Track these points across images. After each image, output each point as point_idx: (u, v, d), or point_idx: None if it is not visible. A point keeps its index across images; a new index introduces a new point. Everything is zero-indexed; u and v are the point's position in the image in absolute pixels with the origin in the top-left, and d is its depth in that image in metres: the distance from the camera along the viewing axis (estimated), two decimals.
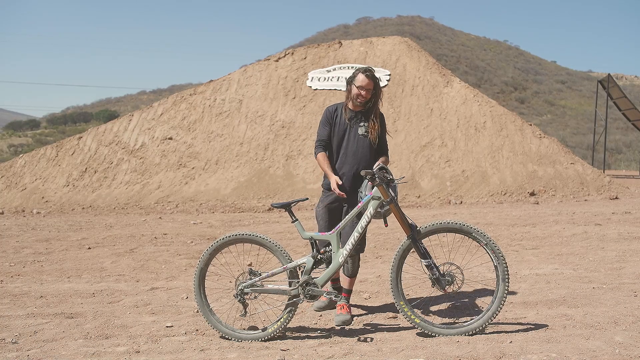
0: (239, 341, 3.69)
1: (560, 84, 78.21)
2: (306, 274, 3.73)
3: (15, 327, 4.00)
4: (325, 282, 3.73)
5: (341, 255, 3.70)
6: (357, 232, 3.70)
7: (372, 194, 3.70)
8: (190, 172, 16.03)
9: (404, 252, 3.69)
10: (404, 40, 19.61)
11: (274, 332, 3.69)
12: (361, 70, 4.04)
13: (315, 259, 3.74)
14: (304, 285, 3.72)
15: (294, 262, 3.77)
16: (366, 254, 6.95)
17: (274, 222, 10.64)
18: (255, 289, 3.78)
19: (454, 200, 13.97)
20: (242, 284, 3.78)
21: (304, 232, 3.81)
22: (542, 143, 16.23)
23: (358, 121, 4.12)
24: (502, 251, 3.60)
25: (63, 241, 8.36)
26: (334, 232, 3.75)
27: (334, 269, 3.70)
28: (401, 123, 16.70)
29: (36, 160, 17.38)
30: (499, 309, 3.57)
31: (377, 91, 4.09)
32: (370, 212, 3.69)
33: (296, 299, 3.72)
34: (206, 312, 3.81)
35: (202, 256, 3.84)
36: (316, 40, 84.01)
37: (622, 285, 4.93)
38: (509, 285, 3.59)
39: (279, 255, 3.78)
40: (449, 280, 3.60)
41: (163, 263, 6.57)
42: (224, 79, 18.83)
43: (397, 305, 3.65)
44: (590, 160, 30.01)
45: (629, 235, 7.88)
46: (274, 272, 3.79)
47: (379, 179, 3.63)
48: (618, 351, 3.21)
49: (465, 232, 3.63)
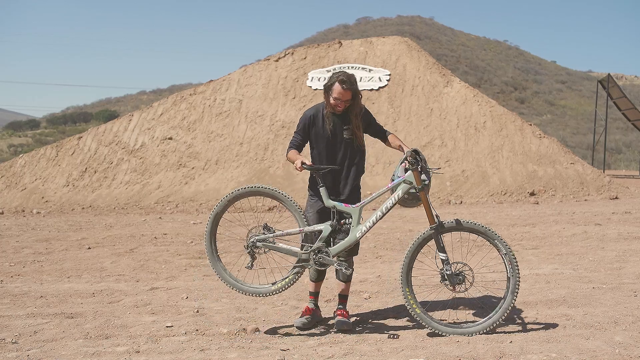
0: (242, 293, 3.68)
1: (560, 84, 78.17)
2: (321, 241, 3.70)
3: (15, 327, 4.00)
4: (338, 253, 3.70)
5: (359, 231, 3.67)
6: (381, 212, 3.67)
7: (404, 177, 3.65)
8: (190, 172, 16.04)
9: (423, 241, 3.67)
10: (404, 40, 19.61)
11: (277, 289, 3.70)
12: (338, 80, 3.81)
13: (334, 228, 3.72)
14: (316, 252, 3.70)
15: (311, 227, 3.75)
16: (366, 254, 6.95)
17: (275, 222, 10.62)
18: (267, 245, 3.76)
19: (453, 200, 13.97)
20: (255, 236, 3.77)
21: (327, 200, 3.75)
22: (542, 143, 16.23)
23: (342, 124, 3.92)
24: (518, 264, 3.59)
25: (63, 241, 8.36)
26: (358, 206, 3.72)
27: (350, 241, 3.68)
28: (401, 123, 16.70)
29: (36, 160, 17.38)
30: (502, 318, 3.57)
31: (355, 99, 3.88)
32: (397, 195, 3.65)
33: (305, 263, 3.71)
34: (213, 259, 3.81)
35: (219, 202, 3.83)
36: (316, 40, 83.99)
37: (622, 285, 4.93)
38: (517, 298, 3.60)
39: (297, 216, 3.77)
40: (460, 279, 3.61)
41: (163, 263, 6.57)
42: (224, 79, 18.83)
43: (403, 292, 3.62)
44: (590, 160, 29.99)
45: (629, 235, 7.88)
46: (289, 231, 3.79)
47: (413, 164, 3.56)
48: (618, 351, 3.21)
49: (488, 237, 3.64)
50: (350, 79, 3.86)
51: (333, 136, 3.94)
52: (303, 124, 4.00)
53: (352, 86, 3.84)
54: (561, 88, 76.95)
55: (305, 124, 3.99)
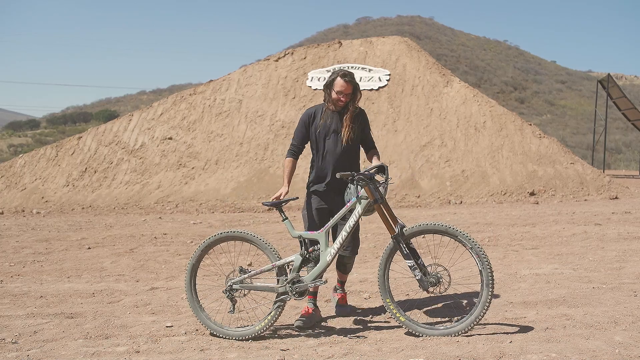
0: (227, 338, 3.72)
1: (560, 84, 78.18)
2: (294, 271, 3.76)
3: (15, 327, 4.00)
4: (313, 280, 3.74)
5: (329, 254, 3.73)
6: (345, 232, 3.73)
7: (359, 194, 3.72)
8: (190, 172, 16.04)
9: (390, 252, 3.75)
10: (403, 40, 19.61)
11: (261, 329, 3.72)
12: (339, 75, 4.01)
13: (304, 257, 3.78)
14: (291, 283, 3.74)
15: (282, 260, 3.81)
16: (366, 254, 6.96)
17: (274, 222, 10.64)
18: (244, 286, 3.83)
19: (453, 200, 13.97)
20: (232, 280, 3.83)
21: (293, 230, 3.86)
22: (542, 143, 16.23)
23: (340, 122, 4.09)
24: (487, 255, 3.60)
25: (63, 241, 8.36)
26: (323, 231, 3.80)
27: (321, 267, 3.74)
28: (401, 123, 16.70)
29: (36, 160, 17.38)
30: (483, 313, 3.56)
31: (355, 94, 4.07)
32: (358, 212, 3.73)
33: (284, 296, 3.75)
34: (196, 309, 3.88)
35: (194, 253, 3.92)
36: (316, 40, 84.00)
37: (622, 285, 4.93)
38: (493, 289, 3.60)
39: (268, 253, 3.83)
40: (434, 282, 3.61)
41: (163, 263, 6.57)
42: (223, 79, 18.83)
43: (384, 303, 3.69)
44: (590, 160, 30.00)
45: (629, 235, 7.88)
46: (262, 269, 3.84)
47: (363, 181, 3.65)
48: (618, 351, 3.21)
49: (450, 235, 3.64)
50: (351, 74, 4.07)
51: (331, 133, 4.09)
52: (303, 121, 4.18)
53: (353, 80, 4.05)
54: (561, 88, 76.96)
55: (305, 120, 4.17)
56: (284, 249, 7.26)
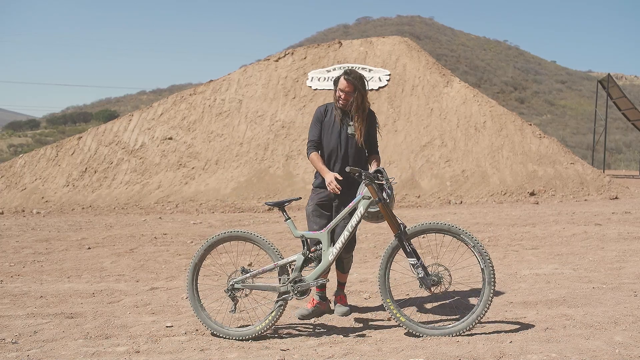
0: (227, 338, 3.72)
1: (560, 84, 78.17)
2: (296, 271, 3.77)
3: (15, 327, 4.00)
4: (315, 279, 3.76)
5: (331, 254, 3.75)
6: (347, 231, 3.75)
7: (362, 193, 3.74)
8: (190, 172, 16.04)
9: (392, 251, 3.74)
10: (403, 40, 19.61)
11: (262, 329, 3.72)
12: (343, 73, 4.13)
13: (306, 256, 3.80)
14: (293, 282, 3.75)
15: (284, 260, 3.82)
16: (366, 254, 6.96)
17: (274, 222, 10.64)
18: (246, 285, 3.83)
19: (453, 200, 13.97)
20: (233, 279, 3.84)
21: (295, 230, 3.87)
22: (542, 143, 16.23)
23: (348, 120, 4.19)
24: (489, 254, 3.61)
25: (63, 241, 8.36)
26: (325, 231, 3.81)
27: (323, 267, 3.75)
28: (401, 123, 16.70)
29: (36, 160, 17.38)
30: (484, 311, 3.56)
31: (357, 93, 4.10)
32: (360, 212, 3.75)
33: (285, 295, 3.75)
34: (197, 308, 3.88)
35: (196, 252, 3.93)
36: (316, 40, 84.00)
37: (622, 285, 4.93)
38: (495, 287, 3.60)
39: (270, 253, 3.83)
40: (435, 281, 3.62)
41: (163, 263, 6.57)
42: (223, 79, 18.83)
43: (384, 303, 3.69)
44: (590, 160, 30.00)
45: (629, 235, 7.88)
46: (264, 269, 3.85)
47: (367, 179, 3.68)
48: (618, 351, 3.21)
49: (453, 234, 3.65)
50: (355, 74, 4.11)
51: (339, 129, 4.19)
52: (317, 117, 4.28)
53: (354, 79, 4.07)
54: (561, 88, 76.94)
55: (318, 115, 4.28)
56: (284, 249, 7.26)
